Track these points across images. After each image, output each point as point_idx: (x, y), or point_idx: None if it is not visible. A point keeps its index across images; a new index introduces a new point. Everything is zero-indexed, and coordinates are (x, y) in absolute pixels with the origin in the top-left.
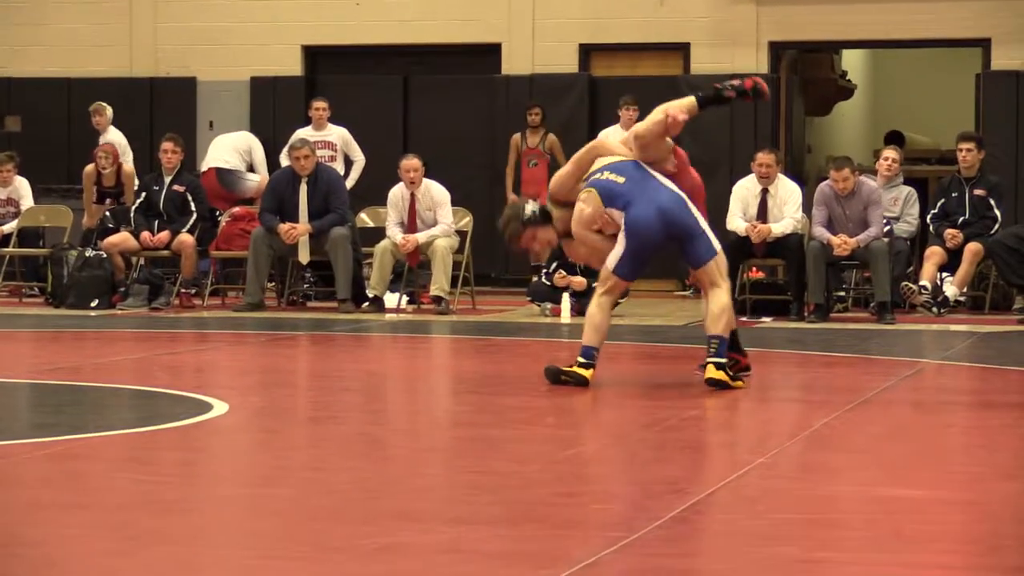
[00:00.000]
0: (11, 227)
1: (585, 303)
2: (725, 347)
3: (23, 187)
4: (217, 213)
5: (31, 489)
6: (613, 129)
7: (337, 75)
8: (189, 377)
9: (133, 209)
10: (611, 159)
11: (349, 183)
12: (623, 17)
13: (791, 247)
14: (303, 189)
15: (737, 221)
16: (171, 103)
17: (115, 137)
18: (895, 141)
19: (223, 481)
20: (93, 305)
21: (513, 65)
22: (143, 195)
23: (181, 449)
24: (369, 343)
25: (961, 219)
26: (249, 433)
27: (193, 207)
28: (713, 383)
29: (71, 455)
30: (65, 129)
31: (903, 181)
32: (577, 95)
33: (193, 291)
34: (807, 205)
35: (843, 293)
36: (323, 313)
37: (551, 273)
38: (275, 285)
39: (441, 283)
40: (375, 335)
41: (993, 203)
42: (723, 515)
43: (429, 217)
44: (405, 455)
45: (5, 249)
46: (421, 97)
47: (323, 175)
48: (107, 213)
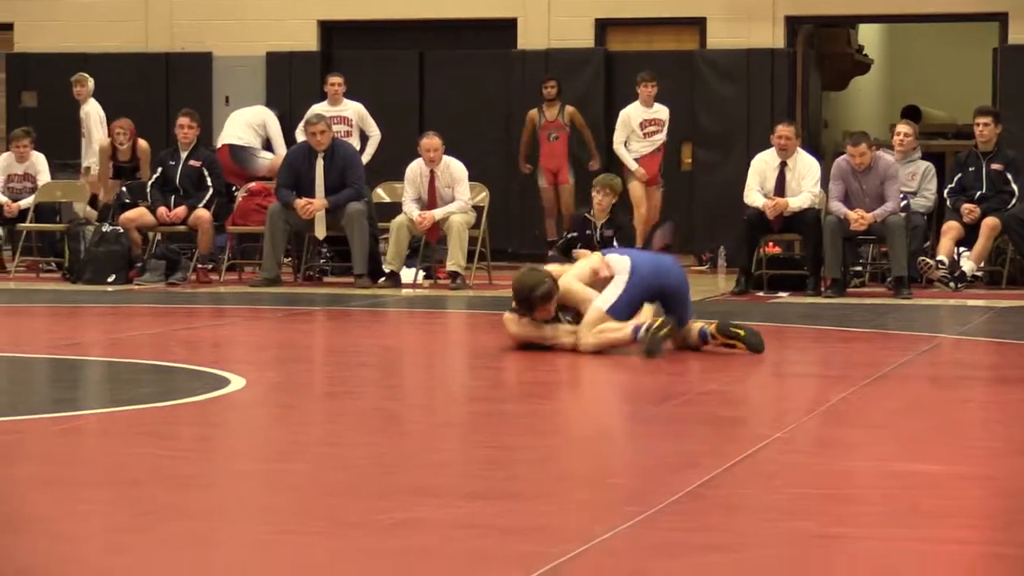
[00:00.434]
0: (28, 202)
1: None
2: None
3: (40, 162)
4: (233, 188)
5: (48, 464)
6: (632, 107)
7: (353, 50)
8: (206, 352)
9: (150, 184)
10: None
11: (365, 158)
12: None
13: (808, 222)
14: (319, 164)
15: (755, 195)
16: (187, 78)
17: (93, 109)
18: (911, 116)
19: (240, 456)
20: (110, 280)
21: (529, 40)
22: (159, 170)
23: (198, 424)
24: (385, 318)
25: (978, 194)
26: (266, 408)
27: (209, 182)
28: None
29: (88, 430)
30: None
31: (920, 156)
32: (593, 70)
33: (210, 266)
34: (824, 180)
35: (860, 268)
36: (339, 288)
37: (565, 247)
38: (291, 260)
39: (457, 258)
40: (391, 310)
41: (1010, 177)
42: (740, 490)
43: (448, 194)
44: (421, 430)
45: (22, 224)
46: (437, 72)
47: (339, 150)
48: (123, 188)
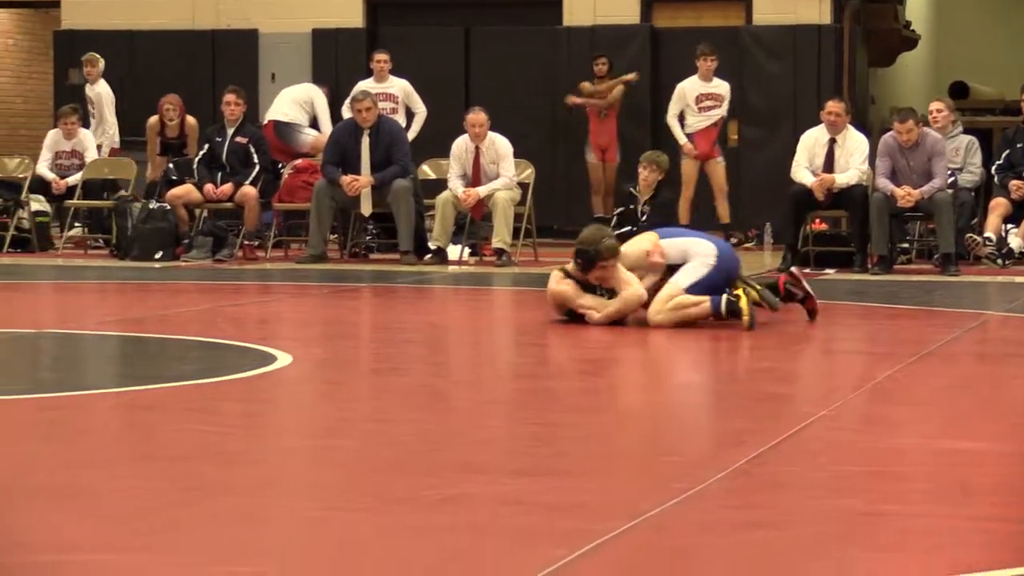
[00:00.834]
0: (76, 179)
1: None
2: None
3: (87, 139)
4: (279, 165)
5: (96, 439)
6: (690, 80)
7: (398, 27)
8: (253, 329)
9: (196, 161)
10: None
11: (411, 135)
12: None
13: (855, 198)
14: (365, 141)
15: (803, 172)
16: (233, 55)
17: (103, 89)
18: (958, 93)
19: (287, 432)
20: (157, 257)
21: (574, 16)
22: (206, 147)
23: (245, 400)
24: (431, 295)
25: None
26: (312, 385)
27: (256, 159)
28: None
29: (136, 406)
30: (129, 81)
31: (962, 131)
32: (639, 46)
33: (256, 243)
34: (871, 156)
35: (907, 245)
36: (385, 265)
37: (618, 224)
38: (337, 237)
39: (503, 235)
40: (437, 287)
41: None
42: (786, 467)
43: (493, 170)
44: (467, 407)
45: (70, 201)
46: (482, 49)
47: (385, 127)
48: (170, 165)
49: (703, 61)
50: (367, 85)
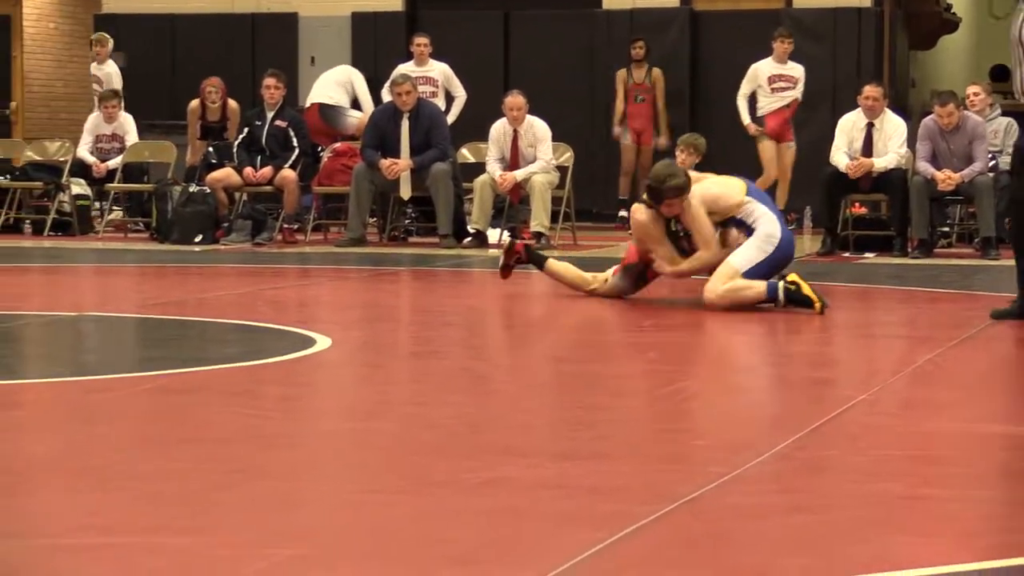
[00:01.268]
0: (116, 163)
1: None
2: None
3: (128, 123)
4: (319, 149)
5: (138, 422)
6: (764, 61)
7: (437, 10)
8: (292, 312)
9: (236, 145)
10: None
11: (450, 119)
12: None
13: (894, 182)
14: (404, 124)
15: (840, 156)
16: (272, 39)
17: (112, 69)
18: (1000, 75)
19: (326, 415)
20: (197, 240)
21: None
22: (245, 131)
23: (285, 383)
24: (470, 278)
25: None
26: (352, 368)
27: (295, 143)
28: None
29: (176, 389)
30: (169, 65)
31: (1001, 113)
32: (678, 30)
33: (295, 226)
34: (911, 140)
35: (947, 228)
36: (424, 248)
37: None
38: (376, 220)
39: (541, 219)
40: (476, 270)
41: None
42: (825, 451)
43: (531, 153)
44: (507, 390)
45: (110, 185)
46: (521, 32)
47: (425, 110)
48: (210, 149)
49: (780, 43)
50: (407, 68)
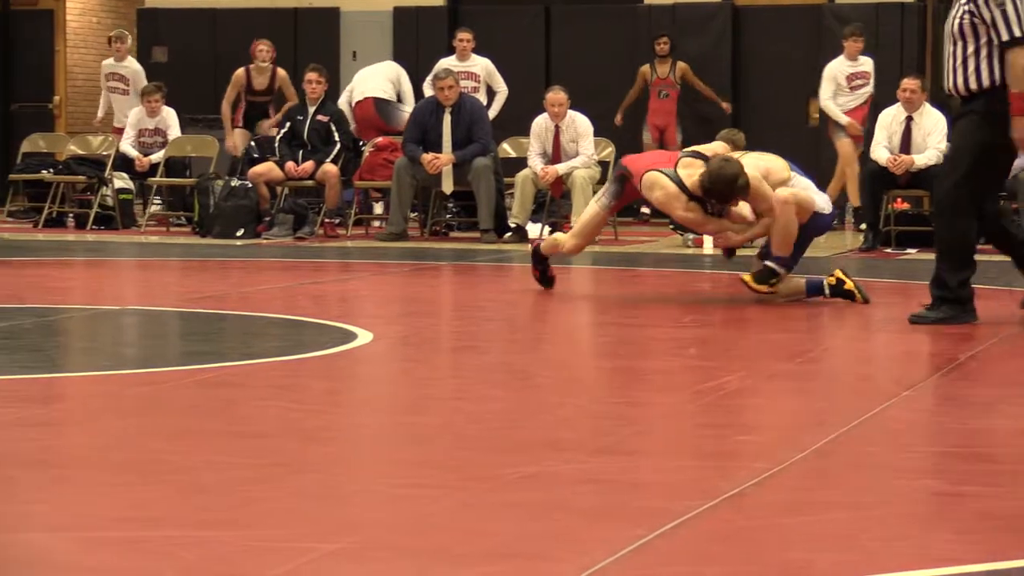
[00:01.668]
0: (159, 157)
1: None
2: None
3: (170, 117)
4: (360, 143)
5: (181, 415)
6: (838, 61)
7: (479, 5)
8: (333, 306)
9: (277, 139)
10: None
11: (492, 113)
12: None
13: (935, 177)
14: (446, 119)
15: (881, 150)
16: (315, 34)
17: (134, 66)
18: None
19: (367, 409)
20: (239, 235)
21: None
22: (287, 125)
23: (326, 377)
24: (511, 273)
25: None
26: (393, 362)
27: (337, 137)
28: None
29: (219, 383)
30: (211, 60)
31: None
32: (720, 25)
33: (337, 221)
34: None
35: None
36: (465, 243)
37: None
38: (418, 215)
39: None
40: (517, 265)
41: None
42: (867, 448)
43: (572, 149)
44: (548, 385)
45: (153, 179)
46: (563, 27)
47: (466, 105)
48: (252, 143)
49: (852, 41)
50: (449, 63)
